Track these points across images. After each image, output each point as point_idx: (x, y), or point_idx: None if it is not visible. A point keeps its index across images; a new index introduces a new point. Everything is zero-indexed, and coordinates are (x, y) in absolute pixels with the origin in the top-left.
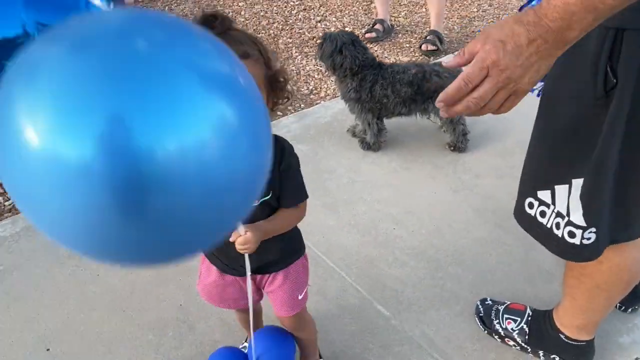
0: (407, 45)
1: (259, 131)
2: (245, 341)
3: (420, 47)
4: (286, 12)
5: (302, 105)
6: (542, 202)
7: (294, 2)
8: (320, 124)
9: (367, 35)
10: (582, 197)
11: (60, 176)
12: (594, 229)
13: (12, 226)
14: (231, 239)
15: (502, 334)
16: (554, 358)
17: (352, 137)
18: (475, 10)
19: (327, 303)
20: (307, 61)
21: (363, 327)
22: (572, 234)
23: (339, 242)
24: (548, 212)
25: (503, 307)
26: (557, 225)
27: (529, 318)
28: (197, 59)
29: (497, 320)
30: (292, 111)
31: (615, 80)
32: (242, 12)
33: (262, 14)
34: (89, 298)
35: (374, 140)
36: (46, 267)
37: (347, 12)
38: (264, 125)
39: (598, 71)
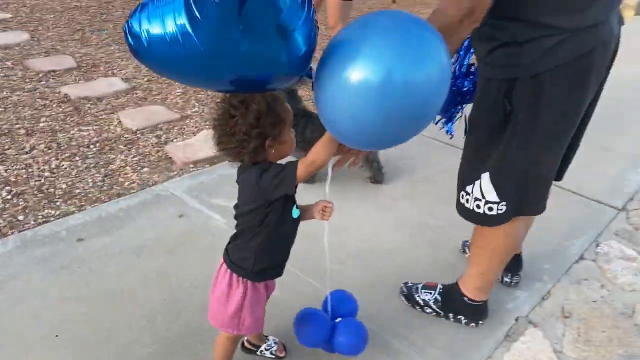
0: None
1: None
2: None
3: None
4: None
5: None
6: (467, 193)
7: None
8: None
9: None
10: (493, 183)
11: (368, 95)
12: (504, 203)
13: (3, 246)
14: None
15: (421, 304)
16: (459, 318)
17: None
18: None
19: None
20: None
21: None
22: (490, 209)
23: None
24: (471, 199)
25: (420, 285)
26: (478, 207)
27: (441, 290)
28: (434, 35)
29: (417, 294)
30: None
31: (510, 107)
32: None
33: None
34: (86, 297)
35: None
36: (41, 276)
37: None
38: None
39: (499, 102)
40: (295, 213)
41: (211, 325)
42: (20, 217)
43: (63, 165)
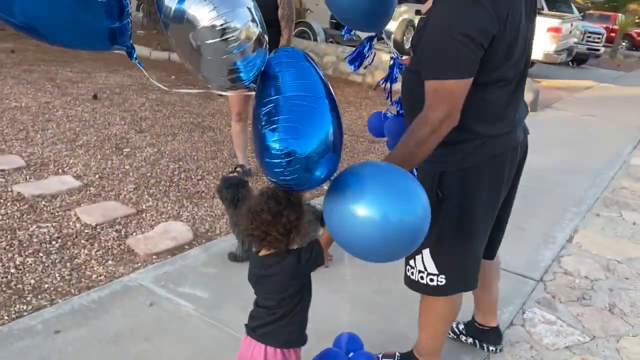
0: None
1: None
2: None
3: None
4: (169, 173)
5: (203, 240)
6: (412, 267)
7: (174, 166)
8: (222, 251)
9: (229, 175)
10: (433, 257)
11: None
12: (443, 276)
13: None
14: None
15: None
16: None
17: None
18: None
19: None
20: (197, 209)
21: None
22: (431, 280)
23: None
24: (415, 271)
25: (381, 354)
26: (422, 278)
27: (399, 358)
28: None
29: None
30: (197, 244)
31: (442, 195)
32: (131, 173)
33: (149, 174)
34: None
35: (240, 252)
36: None
37: (218, 173)
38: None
39: (432, 190)
40: None
41: None
42: None
43: (27, 261)
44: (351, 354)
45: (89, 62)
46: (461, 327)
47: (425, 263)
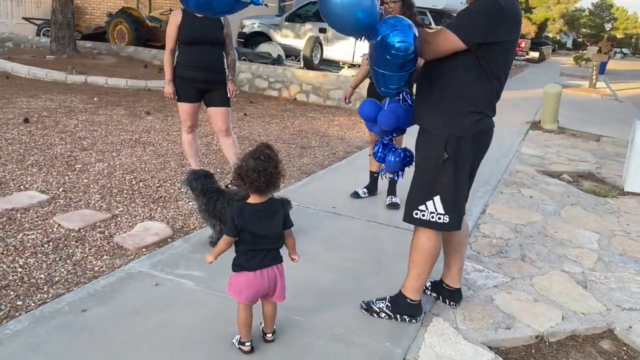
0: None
1: None
2: None
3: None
4: (127, 183)
5: (181, 234)
6: (422, 210)
7: (130, 177)
8: (202, 240)
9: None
10: (442, 202)
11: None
12: (447, 216)
13: (19, 324)
14: None
15: (377, 311)
16: (404, 317)
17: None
18: None
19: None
20: (166, 210)
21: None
22: (439, 218)
23: None
24: (427, 213)
25: (375, 299)
26: (432, 217)
27: (389, 298)
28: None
29: (374, 305)
30: (178, 237)
31: (447, 156)
32: (92, 186)
33: (109, 185)
34: (110, 346)
35: (217, 237)
36: (68, 338)
37: (173, 181)
38: None
39: (440, 151)
40: None
41: None
42: (19, 303)
43: (30, 261)
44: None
45: (4, 87)
46: (428, 284)
47: (436, 206)
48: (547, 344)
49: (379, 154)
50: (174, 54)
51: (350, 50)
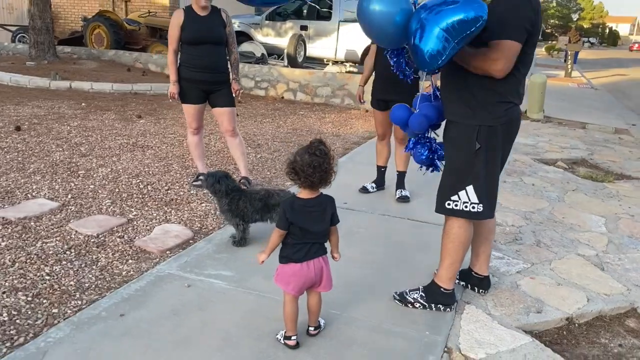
0: None
1: None
2: None
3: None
4: (135, 187)
5: (202, 236)
6: (455, 201)
7: (136, 181)
8: (224, 240)
9: (195, 183)
10: (475, 191)
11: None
12: (481, 205)
13: (60, 331)
14: None
15: (412, 301)
16: (439, 306)
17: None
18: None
19: None
20: (181, 213)
21: None
22: (474, 208)
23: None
24: (460, 203)
25: (407, 289)
26: (465, 206)
27: (423, 289)
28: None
29: (407, 296)
30: (199, 239)
31: (479, 146)
32: (100, 191)
33: (117, 190)
34: (159, 347)
35: (241, 237)
36: (112, 341)
37: (181, 183)
38: None
39: (472, 141)
40: None
41: None
42: (55, 310)
43: (55, 269)
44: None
45: None
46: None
47: (469, 195)
48: (576, 325)
49: (417, 152)
50: (177, 54)
51: (333, 46)
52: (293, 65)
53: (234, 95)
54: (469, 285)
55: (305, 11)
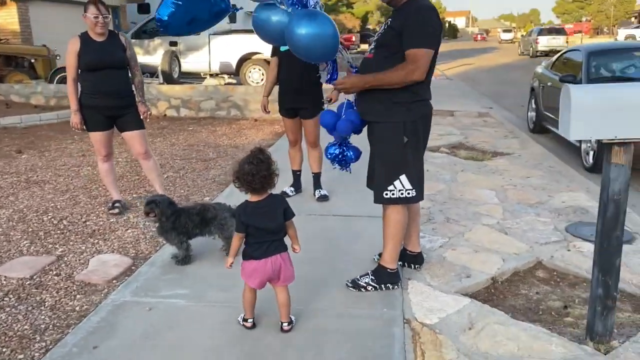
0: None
1: None
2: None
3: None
4: (49, 223)
5: (141, 261)
6: (390, 190)
7: (47, 217)
8: (165, 261)
9: (111, 212)
10: (408, 178)
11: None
12: (414, 190)
13: None
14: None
15: (364, 285)
16: (388, 286)
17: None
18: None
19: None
20: (109, 242)
21: None
22: (409, 194)
23: None
24: (396, 191)
25: (358, 276)
26: (402, 193)
27: (372, 272)
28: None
29: (359, 281)
30: (139, 265)
31: (407, 139)
32: (12, 233)
33: (30, 230)
34: None
35: (185, 254)
36: None
37: (97, 213)
38: None
39: (400, 136)
40: None
41: None
42: (20, 356)
43: (1, 317)
44: (343, 116)
45: None
46: None
47: (403, 183)
48: (499, 282)
49: (335, 154)
50: (76, 82)
51: (206, 60)
52: (169, 82)
53: (142, 117)
54: (405, 264)
55: None
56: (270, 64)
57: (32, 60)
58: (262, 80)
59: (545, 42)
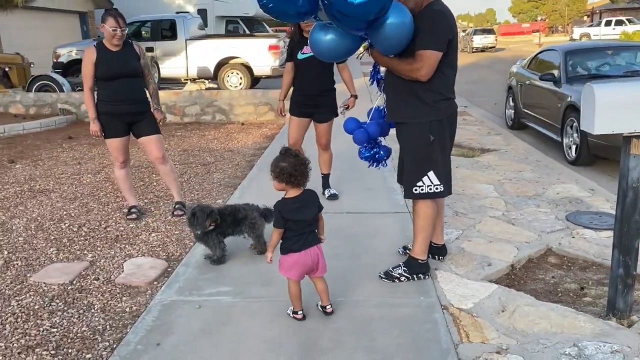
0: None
1: None
2: None
3: (172, 214)
4: (68, 231)
5: (175, 263)
6: (420, 186)
7: (65, 225)
8: (200, 261)
9: (128, 217)
10: (436, 174)
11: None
12: (442, 185)
13: None
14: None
15: (398, 276)
16: (419, 276)
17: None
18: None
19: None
20: (137, 247)
21: None
22: (437, 189)
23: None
24: (425, 186)
25: (390, 267)
26: (430, 189)
27: (403, 264)
28: None
29: (392, 272)
30: (175, 267)
31: (433, 138)
32: (34, 242)
33: (53, 238)
34: None
35: (221, 254)
36: None
37: (116, 220)
38: None
39: (426, 135)
40: None
41: None
42: (89, 356)
43: (55, 321)
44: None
45: None
46: None
47: (431, 179)
48: (518, 269)
49: (367, 156)
50: (93, 91)
51: (183, 65)
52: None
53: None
54: (430, 255)
55: (145, 33)
56: (286, 67)
57: (6, 69)
58: (240, 84)
59: (478, 41)
